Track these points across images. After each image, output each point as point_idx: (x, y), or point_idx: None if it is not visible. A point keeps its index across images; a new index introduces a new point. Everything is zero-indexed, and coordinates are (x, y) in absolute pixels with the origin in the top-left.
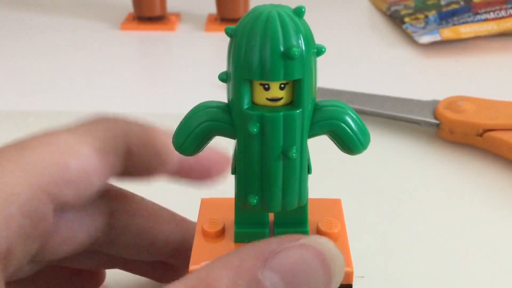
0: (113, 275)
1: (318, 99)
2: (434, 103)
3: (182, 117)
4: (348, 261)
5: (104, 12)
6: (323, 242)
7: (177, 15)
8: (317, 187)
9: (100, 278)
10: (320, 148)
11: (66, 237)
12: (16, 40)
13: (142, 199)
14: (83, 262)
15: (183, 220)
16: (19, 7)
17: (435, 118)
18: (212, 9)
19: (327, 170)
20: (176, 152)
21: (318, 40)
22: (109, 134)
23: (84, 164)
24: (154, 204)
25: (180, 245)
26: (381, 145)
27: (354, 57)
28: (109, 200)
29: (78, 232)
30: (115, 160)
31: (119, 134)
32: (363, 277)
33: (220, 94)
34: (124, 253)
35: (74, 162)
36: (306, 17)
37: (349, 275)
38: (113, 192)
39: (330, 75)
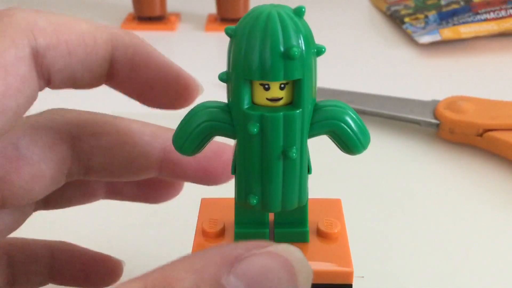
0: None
1: (318, 99)
2: (434, 103)
3: (182, 117)
4: (348, 261)
5: (104, 12)
6: (292, 251)
7: (177, 15)
8: (317, 187)
9: (117, 272)
10: (320, 148)
11: (33, 176)
12: None
13: (105, 116)
14: (69, 198)
15: (159, 129)
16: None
17: (435, 118)
18: (212, 9)
19: (327, 170)
20: (107, 48)
21: (318, 40)
22: (9, 40)
23: None
24: (121, 118)
25: (163, 156)
26: (381, 145)
27: (354, 57)
28: (68, 125)
29: (42, 167)
30: (23, 70)
31: (21, 36)
32: (363, 277)
33: (220, 94)
34: (105, 175)
35: None
36: (306, 17)
37: (349, 275)
38: (70, 116)
39: (330, 75)
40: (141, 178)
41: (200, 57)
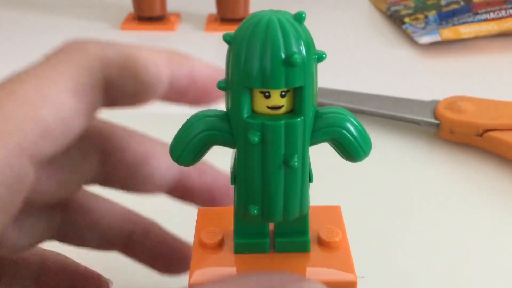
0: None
1: (318, 99)
2: (434, 103)
3: (182, 117)
4: (351, 270)
5: (104, 12)
6: None
7: (177, 15)
8: (315, 190)
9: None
10: (319, 152)
11: (61, 181)
12: (16, 40)
13: (134, 132)
14: (87, 240)
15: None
16: (18, 7)
17: (435, 118)
18: (212, 9)
19: (326, 170)
20: (166, 72)
21: (318, 40)
22: (83, 68)
23: (60, 112)
24: (147, 137)
25: (178, 179)
26: (381, 145)
27: (354, 57)
28: (99, 137)
29: (71, 175)
30: (93, 98)
31: (94, 65)
32: (363, 277)
33: (220, 95)
34: (120, 186)
35: (48, 112)
36: (306, 17)
37: (353, 284)
38: (101, 128)
39: (330, 75)
40: (152, 191)
41: (200, 57)
